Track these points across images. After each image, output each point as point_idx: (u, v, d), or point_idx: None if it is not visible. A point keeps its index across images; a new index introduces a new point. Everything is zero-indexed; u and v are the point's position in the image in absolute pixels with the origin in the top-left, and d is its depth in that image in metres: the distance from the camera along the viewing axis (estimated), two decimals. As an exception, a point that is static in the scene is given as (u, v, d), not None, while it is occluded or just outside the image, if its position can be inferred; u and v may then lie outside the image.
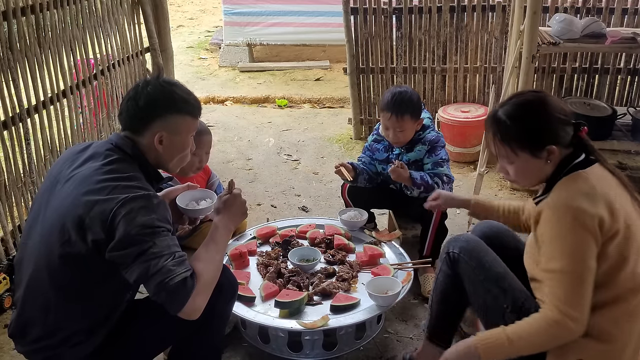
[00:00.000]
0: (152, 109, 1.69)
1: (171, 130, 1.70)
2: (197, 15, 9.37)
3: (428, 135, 2.70)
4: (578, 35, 3.28)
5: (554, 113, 1.66)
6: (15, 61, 2.91)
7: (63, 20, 3.29)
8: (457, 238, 1.97)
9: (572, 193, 1.59)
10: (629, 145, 3.45)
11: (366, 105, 4.48)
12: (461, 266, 1.89)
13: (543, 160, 1.67)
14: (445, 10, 4.16)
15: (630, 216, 1.61)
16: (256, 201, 3.59)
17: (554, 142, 1.66)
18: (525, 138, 1.66)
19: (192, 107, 1.76)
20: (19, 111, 2.97)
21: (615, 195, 1.61)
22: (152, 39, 4.14)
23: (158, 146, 1.70)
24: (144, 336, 1.77)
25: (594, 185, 1.59)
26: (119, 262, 1.55)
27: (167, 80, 1.78)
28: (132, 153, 1.69)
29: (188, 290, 1.56)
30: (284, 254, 2.49)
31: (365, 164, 2.83)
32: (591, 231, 1.54)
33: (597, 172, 1.66)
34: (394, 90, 2.63)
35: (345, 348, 2.24)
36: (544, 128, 1.67)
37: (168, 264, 1.54)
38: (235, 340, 2.36)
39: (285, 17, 6.16)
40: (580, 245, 1.54)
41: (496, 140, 1.71)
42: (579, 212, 1.54)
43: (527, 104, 1.71)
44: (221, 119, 5.02)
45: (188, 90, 1.79)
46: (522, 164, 1.70)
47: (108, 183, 1.58)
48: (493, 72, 4.27)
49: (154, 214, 1.56)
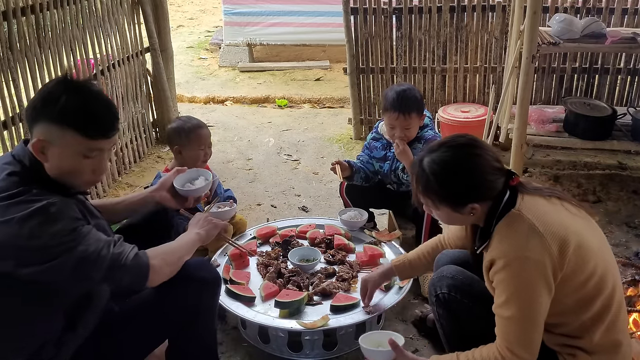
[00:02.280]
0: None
1: (51, 141, 1.51)
2: (197, 15, 9.37)
3: (426, 134, 2.70)
4: (578, 35, 3.27)
5: (481, 172, 1.60)
6: (15, 61, 2.92)
7: (63, 20, 3.29)
8: (440, 277, 1.88)
9: (515, 241, 1.55)
10: (629, 145, 3.44)
11: (366, 105, 4.48)
12: (455, 305, 1.84)
13: (465, 214, 1.64)
14: (445, 10, 4.16)
15: (577, 232, 1.57)
16: (256, 201, 3.59)
17: (477, 200, 1.61)
18: (446, 196, 1.63)
19: (77, 122, 1.50)
20: (19, 111, 2.97)
21: (554, 220, 1.56)
22: (152, 39, 4.14)
23: (39, 154, 1.52)
24: (131, 340, 1.75)
25: (532, 224, 1.54)
26: (65, 280, 1.50)
27: (72, 83, 1.56)
28: (29, 163, 1.53)
29: (144, 260, 1.60)
30: (284, 254, 2.49)
31: (363, 162, 2.84)
32: (542, 275, 1.51)
33: (528, 204, 1.60)
34: (397, 89, 2.62)
35: (345, 348, 2.24)
36: (467, 189, 1.61)
37: (112, 251, 1.55)
38: (235, 340, 2.36)
39: (285, 17, 6.16)
40: (532, 292, 1.52)
41: (419, 189, 1.67)
42: (526, 262, 1.51)
43: (452, 160, 1.61)
44: (221, 119, 5.02)
45: (90, 103, 1.53)
46: (443, 215, 1.68)
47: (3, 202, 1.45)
48: (493, 72, 4.27)
49: (59, 222, 1.47)
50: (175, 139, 2.63)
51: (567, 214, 1.62)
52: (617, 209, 3.38)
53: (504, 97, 3.64)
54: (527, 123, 3.35)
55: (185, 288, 1.75)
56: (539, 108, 3.74)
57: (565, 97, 4.06)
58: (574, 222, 1.60)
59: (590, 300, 1.58)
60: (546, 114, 3.57)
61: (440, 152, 1.63)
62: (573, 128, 3.42)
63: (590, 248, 1.58)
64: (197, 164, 2.63)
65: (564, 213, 1.61)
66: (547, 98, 4.28)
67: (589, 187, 3.60)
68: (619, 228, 3.18)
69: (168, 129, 2.69)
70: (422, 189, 1.65)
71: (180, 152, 2.63)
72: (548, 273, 1.51)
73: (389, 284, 2.27)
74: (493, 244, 1.61)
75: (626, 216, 3.30)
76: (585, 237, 1.59)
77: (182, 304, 1.77)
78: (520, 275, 1.52)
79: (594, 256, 1.58)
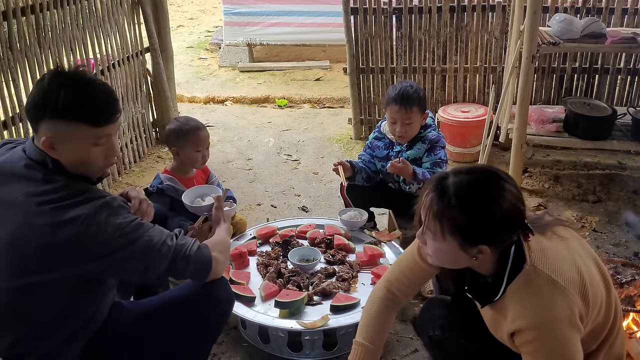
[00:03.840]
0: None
1: (59, 137, 1.52)
2: (197, 15, 9.37)
3: (429, 134, 2.70)
4: (578, 35, 3.28)
5: (506, 214, 1.38)
6: (15, 61, 2.92)
7: (63, 20, 3.29)
8: (431, 317, 1.74)
9: (541, 303, 1.39)
10: (629, 145, 3.45)
11: (366, 105, 4.48)
12: (450, 345, 1.71)
13: (469, 257, 1.43)
14: (445, 10, 4.16)
15: (585, 267, 1.48)
16: (256, 201, 3.59)
17: (490, 243, 1.41)
18: (463, 227, 1.39)
19: (82, 113, 1.52)
20: (19, 111, 2.97)
21: (565, 264, 1.44)
22: (152, 39, 4.14)
23: (50, 151, 1.53)
24: (137, 344, 1.75)
25: (551, 279, 1.40)
26: (127, 270, 1.57)
27: (65, 76, 1.54)
28: (51, 161, 1.55)
29: (207, 252, 1.71)
30: (284, 254, 2.49)
31: (365, 161, 2.84)
32: (575, 328, 1.40)
33: (537, 253, 1.44)
34: (400, 84, 2.64)
35: (345, 348, 2.24)
36: (488, 227, 1.39)
37: (176, 242, 1.63)
38: (235, 340, 2.36)
39: (285, 17, 6.16)
40: (570, 349, 1.39)
41: (431, 211, 1.41)
42: (558, 323, 1.38)
43: (482, 190, 1.40)
44: (221, 119, 5.02)
45: (88, 92, 1.54)
46: (445, 249, 1.44)
47: (54, 204, 1.48)
48: (493, 72, 4.27)
49: (121, 215, 1.54)
50: (173, 140, 2.60)
51: (564, 246, 1.50)
52: (617, 209, 3.38)
53: (504, 97, 3.64)
54: (527, 123, 3.36)
55: (198, 304, 1.77)
56: (539, 108, 3.74)
57: (565, 97, 4.07)
58: (576, 255, 1.50)
59: (601, 329, 1.53)
60: (546, 114, 3.57)
61: (471, 175, 1.42)
62: (573, 128, 3.43)
63: (595, 278, 1.49)
64: (195, 165, 2.61)
65: (562, 247, 1.49)
66: (547, 98, 4.28)
67: (589, 187, 3.60)
68: (619, 228, 3.18)
69: (166, 130, 2.66)
70: (436, 212, 1.40)
71: (178, 153, 2.60)
72: (578, 323, 1.40)
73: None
74: (512, 307, 1.44)
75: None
76: (589, 267, 1.50)
77: (191, 320, 1.77)
78: (555, 339, 1.38)
79: (599, 285, 1.50)
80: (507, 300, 1.44)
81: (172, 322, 1.75)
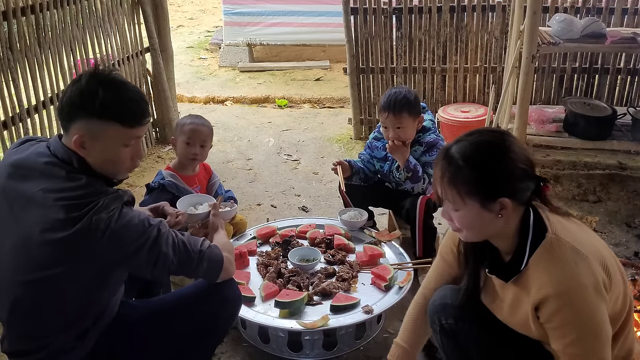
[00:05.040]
0: (69, 108, 1.56)
1: (92, 135, 1.55)
2: (197, 15, 9.37)
3: (427, 137, 2.71)
4: (578, 35, 3.27)
5: (516, 162, 1.42)
6: (15, 61, 2.92)
7: (63, 20, 3.29)
8: (444, 305, 1.71)
9: (566, 270, 1.39)
10: (629, 145, 3.44)
11: (366, 105, 4.48)
12: (463, 336, 1.70)
13: (493, 214, 1.43)
14: (445, 10, 4.16)
15: (604, 248, 1.50)
16: (256, 201, 3.59)
17: (509, 195, 1.42)
18: (477, 184, 1.42)
19: (118, 114, 1.55)
20: (19, 111, 2.97)
21: (585, 240, 1.46)
22: (152, 39, 4.14)
23: (80, 149, 1.56)
24: (142, 344, 1.76)
25: (574, 248, 1.41)
26: (139, 264, 1.58)
27: (102, 76, 1.58)
28: (76, 159, 1.57)
29: (218, 251, 1.74)
30: (284, 254, 2.49)
31: (364, 161, 2.86)
32: (601, 297, 1.40)
33: (557, 225, 1.46)
34: (390, 90, 2.69)
35: (345, 348, 2.24)
36: (501, 176, 1.42)
37: (188, 237, 1.68)
38: (235, 340, 2.36)
39: (285, 17, 6.16)
40: (599, 319, 1.39)
41: (444, 181, 1.46)
42: (585, 290, 1.38)
43: (486, 145, 1.45)
44: (221, 119, 5.02)
45: (124, 93, 1.58)
46: (468, 214, 1.46)
47: (72, 202, 1.51)
48: (493, 72, 4.27)
49: (135, 213, 1.58)
50: (174, 130, 2.74)
51: (582, 229, 1.52)
52: (617, 209, 3.38)
53: (504, 97, 3.64)
54: (527, 123, 3.35)
55: (207, 303, 1.78)
56: (539, 108, 3.74)
57: (565, 97, 4.06)
58: (594, 238, 1.51)
59: (618, 318, 1.50)
60: (546, 114, 3.57)
61: (470, 139, 1.47)
62: (573, 128, 3.42)
63: (612, 263, 1.48)
64: (185, 160, 2.58)
65: (581, 228, 1.51)
66: (547, 98, 4.28)
67: (589, 187, 3.60)
68: (619, 228, 3.18)
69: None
70: (449, 179, 1.44)
71: (175, 144, 2.64)
72: (604, 291, 1.40)
73: (388, 284, 2.28)
74: (536, 277, 1.43)
75: (626, 216, 3.30)
76: (609, 251, 1.51)
77: (200, 318, 1.78)
78: (582, 307, 1.38)
79: (616, 272, 1.49)
80: (531, 272, 1.45)
81: (180, 320, 1.77)
